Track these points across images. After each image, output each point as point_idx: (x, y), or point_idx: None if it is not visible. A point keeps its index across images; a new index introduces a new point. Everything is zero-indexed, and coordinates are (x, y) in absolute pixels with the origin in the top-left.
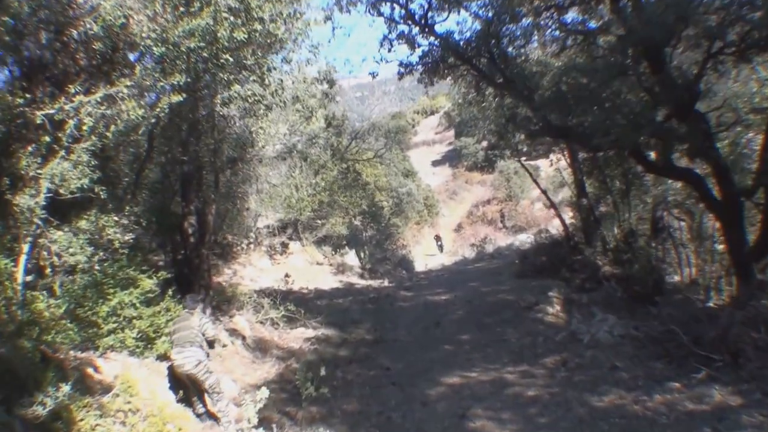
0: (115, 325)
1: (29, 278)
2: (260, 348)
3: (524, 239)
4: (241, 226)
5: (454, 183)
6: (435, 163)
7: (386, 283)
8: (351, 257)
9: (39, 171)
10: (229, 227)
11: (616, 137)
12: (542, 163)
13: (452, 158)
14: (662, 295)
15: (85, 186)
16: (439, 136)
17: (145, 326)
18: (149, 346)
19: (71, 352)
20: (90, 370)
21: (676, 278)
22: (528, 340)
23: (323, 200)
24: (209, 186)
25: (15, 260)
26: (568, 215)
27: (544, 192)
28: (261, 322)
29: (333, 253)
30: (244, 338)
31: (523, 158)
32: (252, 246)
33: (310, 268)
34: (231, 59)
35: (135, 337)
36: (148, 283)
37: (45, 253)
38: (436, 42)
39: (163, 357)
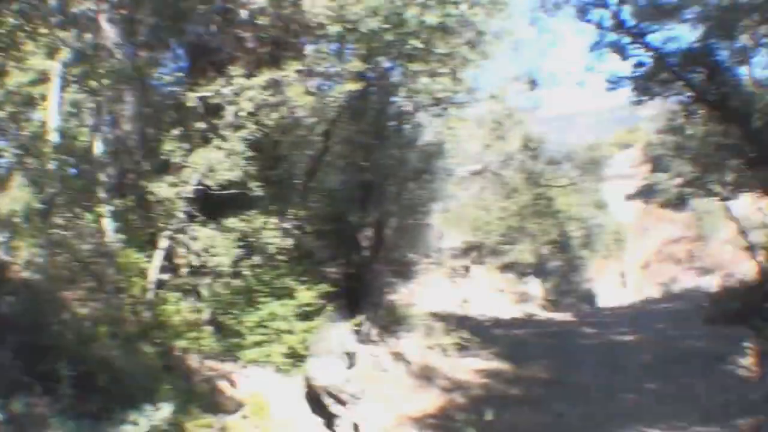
0: (262, 338)
1: (164, 277)
2: (425, 376)
3: (711, 282)
4: (423, 245)
5: (645, 219)
6: (627, 198)
7: (569, 317)
8: (534, 287)
9: (185, 158)
10: (409, 245)
11: None
12: (733, 204)
13: (645, 193)
14: None
15: (236, 179)
16: (633, 170)
17: (296, 342)
18: (298, 364)
19: (206, 362)
20: (224, 385)
21: None
22: (720, 396)
23: (512, 225)
24: (391, 198)
25: (150, 255)
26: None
27: (743, 232)
28: (430, 348)
29: (516, 281)
30: (408, 363)
31: (715, 198)
32: (433, 266)
33: (490, 295)
34: (420, 46)
35: (283, 352)
36: (307, 296)
37: (183, 250)
38: (647, 54)
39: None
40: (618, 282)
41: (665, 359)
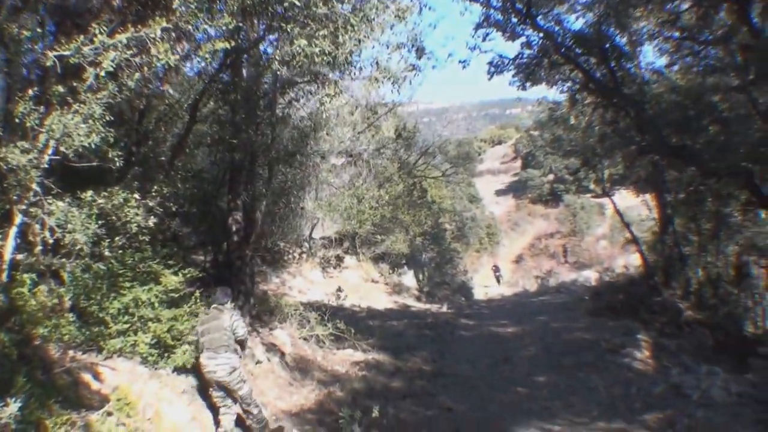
0: (126, 326)
1: (20, 257)
2: (300, 368)
3: (589, 275)
4: (295, 233)
5: (516, 214)
6: (498, 193)
7: (444, 308)
8: (408, 278)
9: (39, 122)
10: (281, 233)
11: (736, 161)
12: (607, 201)
13: (517, 189)
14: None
15: (93, 145)
16: (504, 166)
17: (162, 331)
18: (166, 354)
19: (70, 352)
20: (87, 377)
21: (749, 328)
22: (619, 389)
23: (385, 215)
24: (261, 180)
25: (5, 232)
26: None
27: (627, 225)
28: (305, 339)
29: (390, 271)
30: (282, 355)
31: (589, 195)
32: (305, 256)
33: (364, 285)
34: (298, 4)
35: (149, 342)
36: (173, 281)
37: (38, 226)
38: (537, 35)
39: (183, 369)
40: (491, 275)
41: (553, 351)
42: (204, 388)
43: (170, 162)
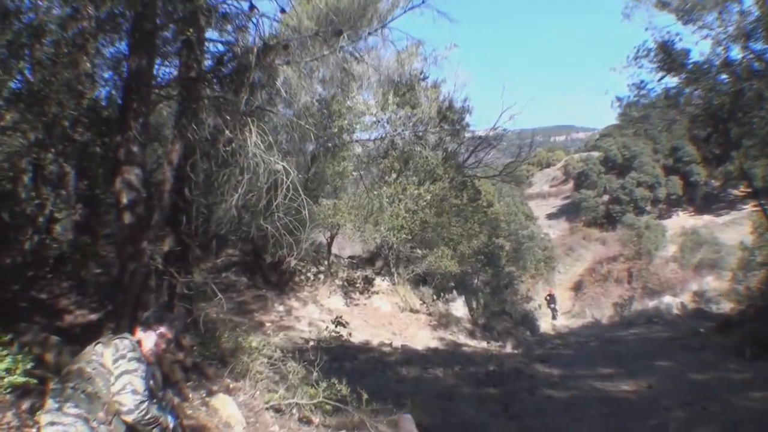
0: None
1: None
2: None
3: (670, 302)
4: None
5: (571, 238)
6: (550, 217)
7: (508, 347)
8: (458, 306)
9: None
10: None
11: None
12: (668, 223)
13: (569, 212)
14: None
15: None
16: (555, 189)
17: None
18: None
19: None
20: None
21: None
22: None
23: (427, 221)
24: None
25: None
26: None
27: None
28: (276, 410)
29: (434, 297)
30: None
31: (649, 216)
32: (321, 276)
33: (399, 316)
34: None
35: None
36: None
37: None
38: None
39: None
40: (548, 304)
41: None
42: None
43: None
